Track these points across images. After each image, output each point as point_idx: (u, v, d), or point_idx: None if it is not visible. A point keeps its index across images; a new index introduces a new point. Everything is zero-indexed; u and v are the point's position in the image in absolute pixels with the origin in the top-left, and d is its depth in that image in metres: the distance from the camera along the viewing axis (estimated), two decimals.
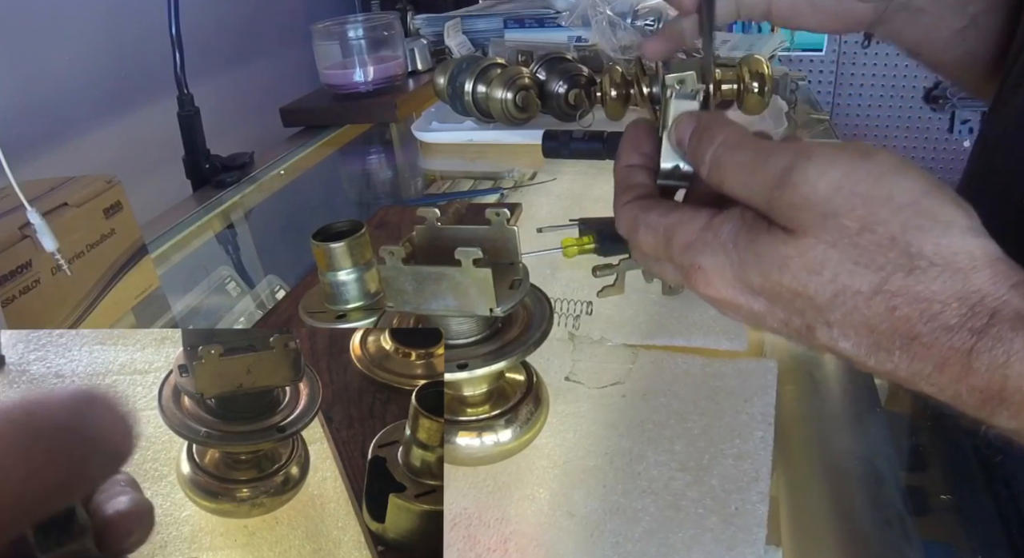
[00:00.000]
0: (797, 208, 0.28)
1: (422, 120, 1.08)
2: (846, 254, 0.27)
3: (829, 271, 0.28)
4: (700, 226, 0.31)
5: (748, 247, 0.29)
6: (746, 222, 0.30)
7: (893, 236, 0.27)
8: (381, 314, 0.47)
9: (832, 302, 0.28)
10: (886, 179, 0.27)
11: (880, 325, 0.27)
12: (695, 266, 0.31)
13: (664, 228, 0.32)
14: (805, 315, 0.29)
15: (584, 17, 1.20)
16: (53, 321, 0.59)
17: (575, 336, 0.56)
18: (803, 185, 0.27)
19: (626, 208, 0.34)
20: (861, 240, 0.27)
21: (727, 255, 0.30)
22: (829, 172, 0.27)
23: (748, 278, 0.29)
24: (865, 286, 0.27)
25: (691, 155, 0.32)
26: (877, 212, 0.27)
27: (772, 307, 0.30)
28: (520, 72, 0.96)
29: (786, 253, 0.28)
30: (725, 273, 0.30)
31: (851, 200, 0.27)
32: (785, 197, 0.28)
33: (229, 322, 0.68)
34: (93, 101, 1.02)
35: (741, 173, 0.29)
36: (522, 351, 0.41)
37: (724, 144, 0.30)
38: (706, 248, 0.30)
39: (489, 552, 0.40)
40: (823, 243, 0.27)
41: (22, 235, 0.56)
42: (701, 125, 0.32)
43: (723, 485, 0.42)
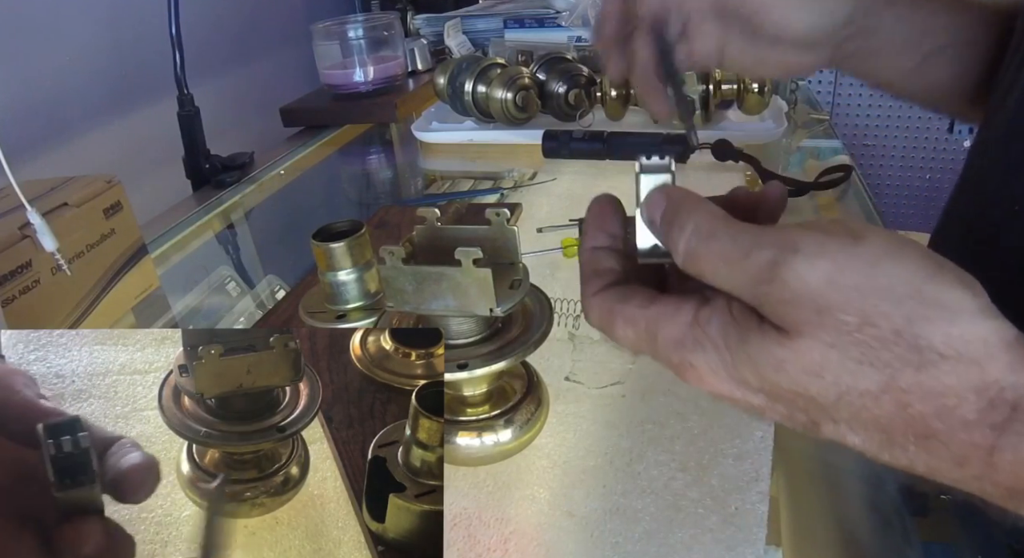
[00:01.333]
0: (788, 304, 0.25)
1: (422, 120, 1.08)
2: (847, 354, 0.25)
3: (830, 374, 0.25)
4: (686, 321, 0.28)
5: (740, 347, 0.27)
6: (735, 317, 0.27)
7: (897, 330, 0.24)
8: (381, 314, 0.47)
9: (837, 403, 0.26)
10: (882, 266, 0.25)
11: (891, 423, 0.25)
12: (686, 364, 0.29)
13: (646, 322, 0.29)
14: (809, 412, 0.27)
15: (584, 17, 1.20)
16: (53, 321, 0.59)
17: (575, 336, 0.56)
18: (792, 281, 0.25)
19: (597, 298, 0.31)
20: (863, 336, 0.25)
21: (718, 354, 0.28)
22: (819, 264, 0.25)
23: (743, 377, 0.27)
24: (872, 385, 0.25)
25: (664, 241, 0.30)
26: (877, 305, 0.24)
27: (772, 403, 0.28)
28: (520, 72, 0.96)
29: (782, 356, 0.26)
30: (719, 372, 0.28)
31: (847, 294, 0.25)
32: (774, 294, 0.26)
33: (229, 322, 0.68)
34: (93, 101, 1.02)
35: (721, 266, 0.27)
36: (522, 351, 0.41)
37: (696, 233, 0.28)
38: (696, 346, 0.28)
39: (489, 552, 0.40)
40: (821, 343, 0.25)
41: (22, 235, 0.56)
42: (671, 207, 0.29)
43: (723, 485, 0.42)
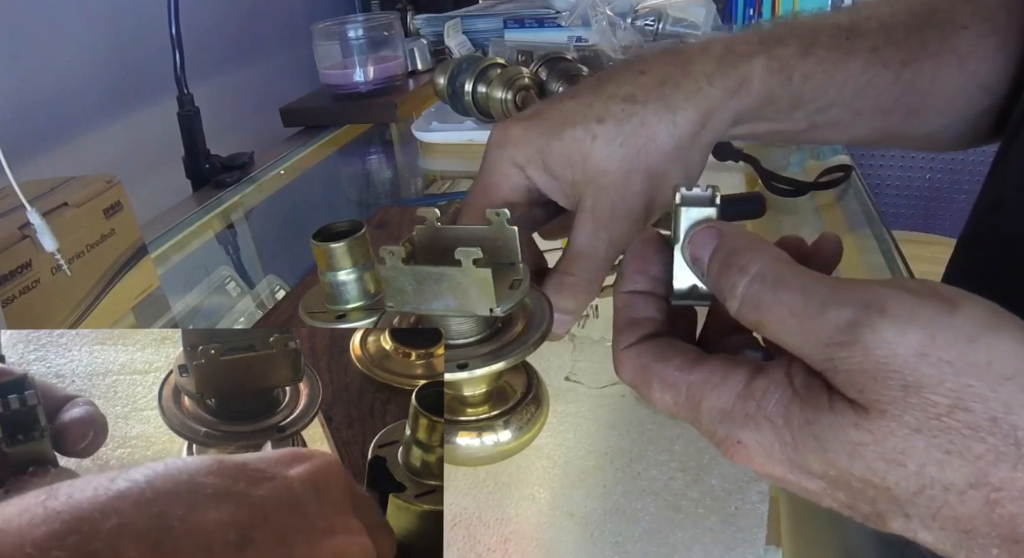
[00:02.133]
0: (869, 376, 0.22)
1: (422, 120, 1.08)
2: (935, 442, 0.22)
3: (913, 463, 0.22)
4: (738, 390, 0.25)
5: (805, 427, 0.24)
6: (799, 393, 0.24)
7: (994, 417, 0.21)
8: (381, 314, 0.47)
9: (916, 497, 0.23)
10: (982, 341, 0.22)
11: (974, 522, 0.22)
12: (733, 440, 0.25)
13: (688, 387, 0.26)
14: (877, 504, 0.24)
15: (584, 17, 1.20)
16: (53, 321, 0.59)
17: (575, 336, 0.56)
18: (877, 348, 0.22)
19: (631, 353, 0.28)
20: (953, 422, 0.22)
21: (776, 433, 0.24)
22: (910, 332, 0.22)
23: (805, 462, 0.24)
24: (959, 480, 0.22)
25: (714, 283, 0.26)
26: (973, 385, 0.21)
27: (833, 491, 0.24)
28: (520, 72, 0.96)
29: (858, 440, 0.23)
30: (773, 452, 0.24)
31: (940, 368, 0.21)
32: (853, 361, 0.22)
33: (229, 322, 0.68)
34: (93, 101, 1.02)
35: (788, 319, 0.24)
36: (522, 351, 0.41)
37: (761, 279, 0.24)
38: (748, 422, 0.25)
39: (489, 552, 0.40)
40: (905, 427, 0.22)
41: (22, 235, 0.56)
42: (726, 246, 0.26)
43: (723, 485, 0.42)
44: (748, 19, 1.76)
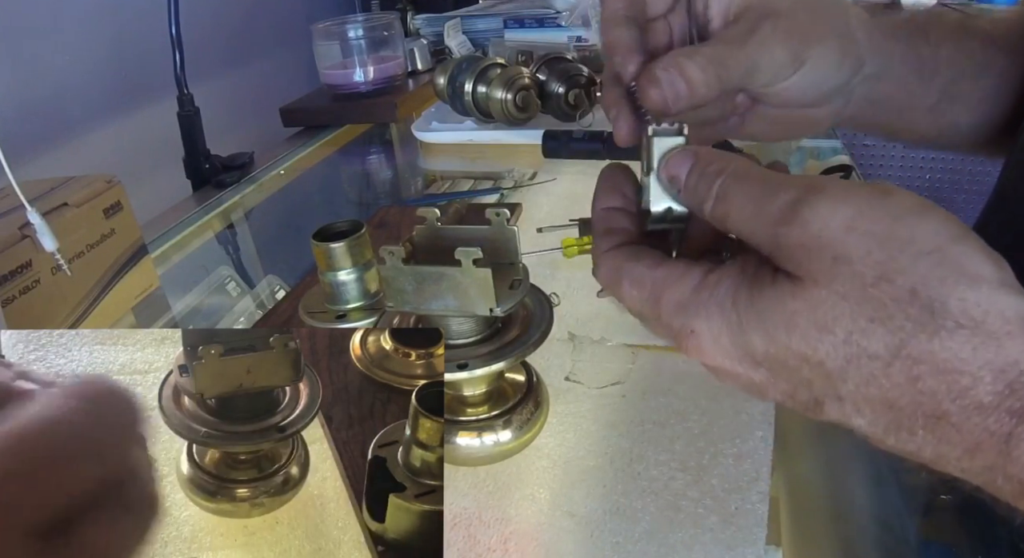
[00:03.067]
0: (806, 249, 0.24)
1: (422, 120, 1.08)
2: (861, 309, 0.24)
3: (841, 329, 0.24)
4: (694, 284, 0.27)
5: (749, 305, 0.26)
6: (747, 276, 0.26)
7: (914, 288, 0.23)
8: (381, 314, 0.47)
9: (844, 369, 0.24)
10: (907, 220, 0.24)
11: (900, 399, 0.24)
12: (687, 330, 0.27)
13: (652, 283, 0.28)
14: (813, 387, 0.25)
15: (584, 17, 1.20)
16: (53, 321, 0.59)
17: (575, 336, 0.56)
18: (813, 221, 0.24)
19: (607, 255, 0.30)
20: (877, 291, 0.23)
21: (724, 316, 0.26)
22: (842, 208, 0.24)
23: (748, 343, 0.26)
24: (882, 349, 0.23)
25: (690, 192, 0.28)
26: (896, 257, 0.23)
27: (775, 378, 0.26)
28: (520, 72, 0.96)
29: (793, 308, 0.25)
30: (721, 339, 0.26)
31: (866, 242, 0.23)
32: (793, 235, 0.24)
33: (229, 322, 0.68)
34: (93, 101, 1.02)
35: (747, 205, 0.26)
36: (522, 351, 0.41)
37: (732, 174, 0.27)
38: (700, 309, 0.27)
39: (489, 552, 0.40)
40: (834, 294, 0.24)
41: (22, 235, 0.56)
42: (702, 158, 0.28)
43: (723, 485, 0.42)
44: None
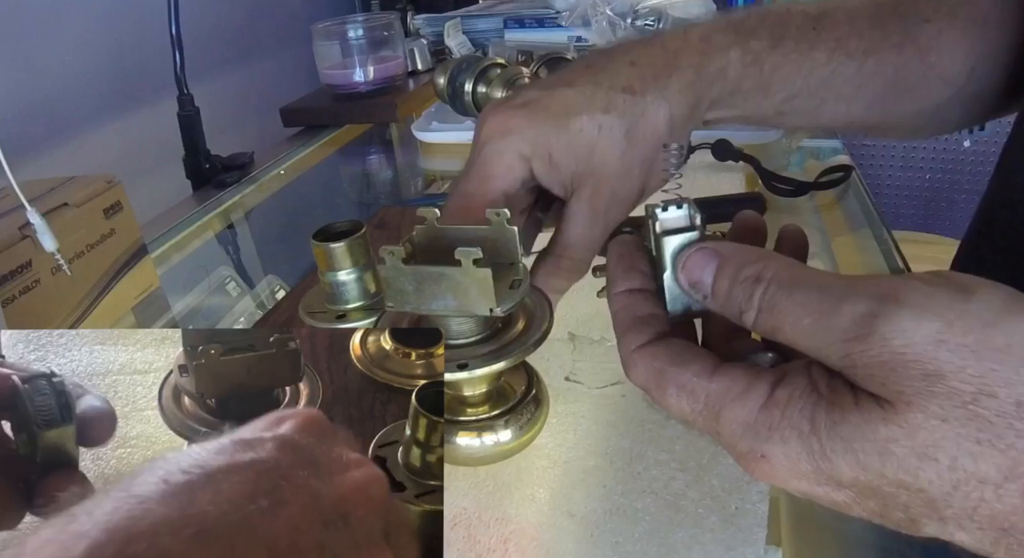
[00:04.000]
0: (890, 368, 0.22)
1: (422, 120, 1.08)
2: (964, 431, 0.21)
3: (945, 455, 0.21)
4: (761, 403, 0.24)
5: (832, 431, 0.23)
6: (823, 396, 0.23)
7: (1020, 402, 0.21)
8: (381, 314, 0.47)
9: (950, 495, 0.22)
10: (1000, 325, 0.21)
11: (1013, 518, 0.21)
12: (756, 454, 0.24)
13: (707, 396, 0.25)
14: (910, 510, 0.23)
15: (584, 17, 1.20)
16: (53, 321, 0.59)
17: (575, 336, 0.56)
18: (894, 338, 0.22)
19: (644, 354, 0.27)
20: (980, 410, 0.21)
21: (803, 442, 0.23)
22: (925, 320, 0.21)
23: (833, 469, 0.23)
24: (993, 472, 0.21)
25: (722, 299, 0.26)
26: (996, 369, 0.21)
27: (863, 500, 0.24)
28: (520, 72, 0.96)
29: (886, 436, 0.22)
30: (799, 465, 0.24)
31: (959, 355, 0.21)
32: (872, 353, 0.22)
33: (229, 322, 0.68)
34: (93, 101, 1.02)
35: (805, 319, 0.23)
36: (522, 351, 0.41)
37: (778, 283, 0.24)
38: (773, 434, 0.24)
39: (489, 552, 0.40)
40: (933, 418, 0.21)
41: (22, 235, 0.56)
42: (732, 262, 0.26)
43: (723, 485, 0.42)
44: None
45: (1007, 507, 0.21)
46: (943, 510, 0.22)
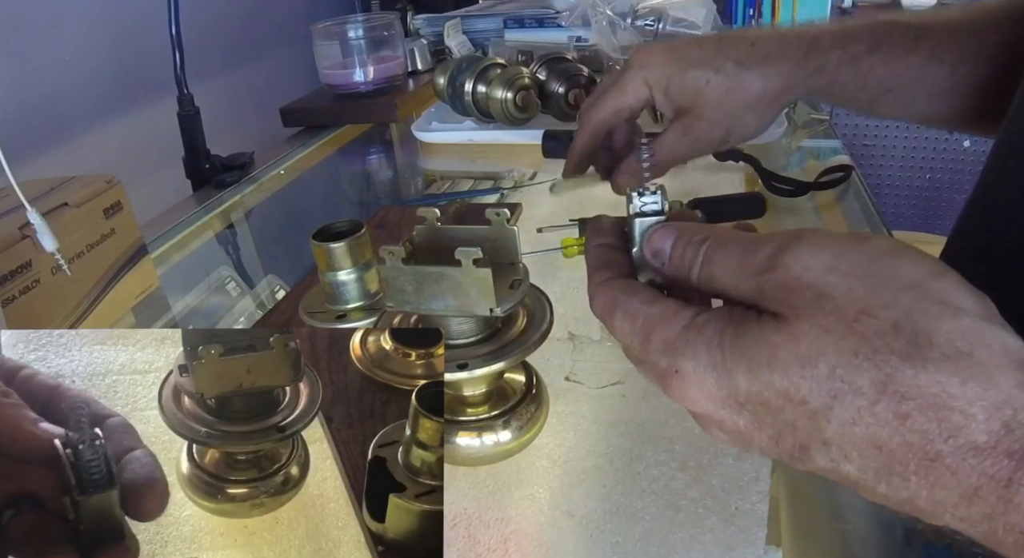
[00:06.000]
0: (788, 289, 0.25)
1: (422, 120, 1.08)
2: (844, 343, 0.23)
3: (825, 363, 0.24)
4: (683, 324, 0.27)
5: (734, 343, 0.26)
6: (734, 317, 0.27)
7: (896, 321, 0.23)
8: (381, 314, 0.47)
9: (829, 407, 0.24)
10: (885, 259, 0.24)
11: (889, 440, 0.23)
12: (672, 370, 0.27)
13: (644, 318, 0.28)
14: (797, 430, 0.25)
15: (584, 17, 1.20)
16: (53, 321, 0.59)
17: (575, 336, 0.56)
18: (794, 265, 0.25)
19: (604, 286, 0.30)
20: (860, 326, 0.23)
21: (709, 355, 0.26)
22: (822, 252, 0.25)
23: (732, 382, 0.26)
24: (867, 384, 0.23)
25: (676, 262, 0.29)
26: (877, 293, 0.23)
27: (759, 422, 0.26)
28: (520, 72, 0.96)
29: (775, 342, 0.25)
30: (706, 379, 0.26)
31: (847, 280, 0.24)
32: (776, 278, 0.25)
33: (229, 322, 0.68)
34: (93, 101, 1.02)
35: (731, 261, 0.27)
36: (522, 351, 0.41)
37: (715, 239, 0.28)
38: (687, 348, 0.27)
39: (489, 552, 0.40)
40: (817, 328, 0.24)
41: (22, 235, 0.56)
42: (686, 231, 0.30)
43: (723, 485, 0.42)
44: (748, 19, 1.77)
45: (880, 422, 0.23)
46: (825, 428, 0.24)
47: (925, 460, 0.23)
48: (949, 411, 0.22)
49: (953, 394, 0.22)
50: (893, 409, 0.23)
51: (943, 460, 0.22)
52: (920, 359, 0.22)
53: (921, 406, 0.22)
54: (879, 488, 0.24)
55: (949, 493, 0.23)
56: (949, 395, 0.22)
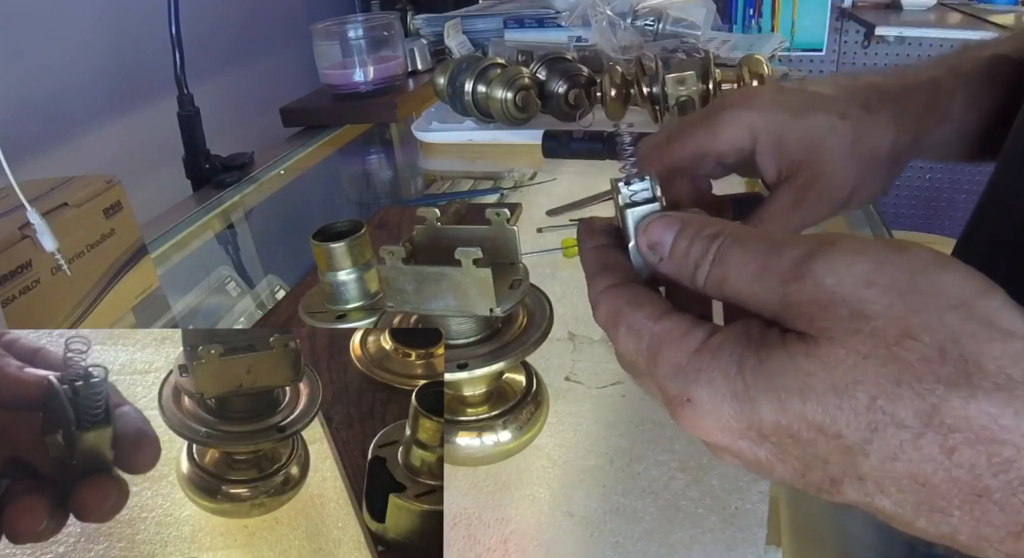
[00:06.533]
0: (819, 306, 0.22)
1: (422, 120, 1.08)
2: (885, 371, 0.21)
3: (864, 393, 0.21)
4: (695, 347, 0.24)
5: (757, 369, 0.23)
6: (753, 338, 0.24)
7: (942, 346, 0.21)
8: (381, 314, 0.47)
9: (868, 441, 0.21)
10: (928, 273, 0.22)
11: (933, 475, 0.21)
12: (683, 398, 0.25)
13: (650, 337, 0.26)
14: (829, 464, 0.22)
15: (584, 17, 1.20)
16: (53, 321, 0.59)
17: (575, 336, 0.56)
18: (827, 277, 0.22)
19: (606, 295, 0.28)
20: (902, 352, 0.21)
21: (728, 383, 0.23)
22: (858, 262, 0.22)
23: (755, 413, 0.23)
24: (911, 416, 0.21)
25: (678, 259, 0.26)
26: (920, 313, 0.21)
27: (784, 455, 0.23)
28: (520, 72, 0.96)
29: (807, 369, 0.22)
30: (723, 410, 0.23)
31: (887, 296, 0.21)
32: (805, 292, 0.22)
33: (229, 322, 0.68)
34: (93, 101, 1.02)
35: (749, 264, 0.24)
36: (522, 351, 0.41)
37: (731, 236, 0.25)
38: (700, 375, 0.24)
39: (489, 552, 0.40)
40: (854, 353, 0.21)
41: (22, 235, 0.56)
42: (692, 225, 0.26)
43: (723, 485, 0.42)
44: (747, 19, 1.76)
45: (925, 457, 0.21)
46: (862, 463, 0.22)
47: (972, 495, 0.21)
48: (1000, 445, 0.20)
49: (1005, 426, 0.20)
50: (939, 443, 0.21)
51: (991, 495, 0.21)
52: (969, 387, 0.20)
53: (969, 439, 0.20)
54: (918, 523, 0.22)
55: (996, 530, 0.21)
56: (1000, 427, 0.20)
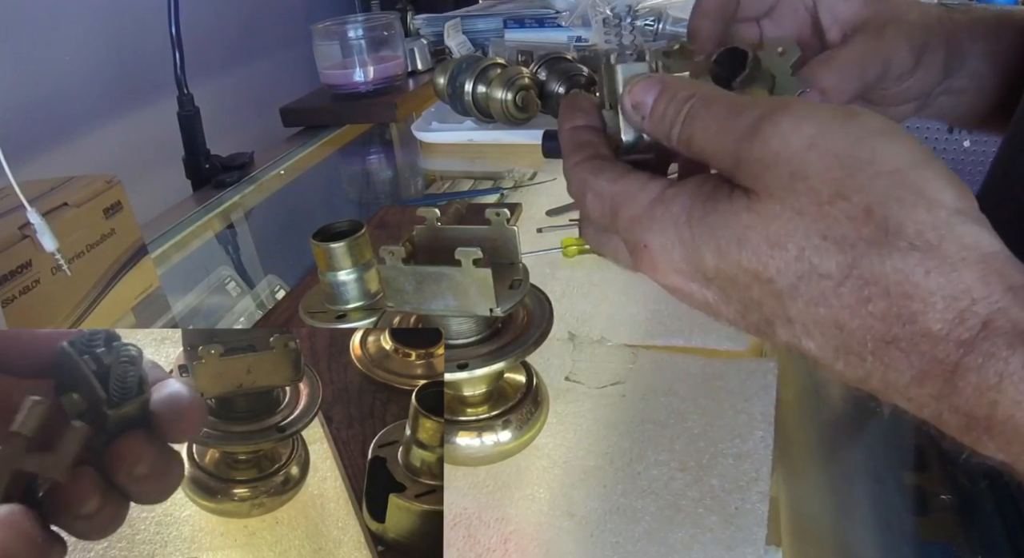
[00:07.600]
0: (764, 165, 0.24)
1: (422, 120, 1.08)
2: (815, 225, 0.23)
3: (794, 245, 0.24)
4: (650, 199, 0.27)
5: (703, 220, 0.26)
6: (704, 192, 0.26)
7: (869, 207, 0.23)
8: (381, 314, 0.47)
9: (795, 288, 0.24)
10: (870, 141, 0.23)
11: (850, 321, 0.24)
12: (640, 244, 0.27)
13: (611, 197, 0.28)
14: (763, 307, 0.25)
15: (584, 17, 1.20)
16: (53, 321, 0.59)
17: (575, 336, 0.56)
18: (773, 138, 0.24)
19: (575, 169, 0.30)
20: (833, 209, 0.23)
21: (677, 231, 0.26)
22: (804, 126, 0.24)
23: (700, 258, 0.26)
24: (833, 267, 0.23)
25: (657, 118, 0.28)
26: (854, 177, 0.23)
27: (727, 297, 0.26)
28: (520, 72, 0.96)
29: (746, 222, 0.24)
30: (673, 254, 0.26)
31: (825, 159, 0.23)
32: (753, 151, 0.24)
33: (229, 322, 0.68)
34: (93, 101, 1.02)
35: (712, 124, 0.26)
36: (522, 351, 0.41)
37: (701, 97, 0.27)
38: (654, 224, 0.27)
39: (489, 552, 0.40)
40: (789, 209, 0.24)
41: (22, 235, 0.56)
42: (671, 84, 0.28)
43: (723, 485, 0.42)
44: None
45: (843, 304, 0.23)
46: (789, 307, 0.24)
47: (882, 342, 0.23)
48: (909, 299, 0.22)
49: (915, 283, 0.22)
50: (856, 292, 0.23)
51: (898, 343, 0.23)
52: (888, 247, 0.23)
53: (883, 292, 0.23)
54: (836, 365, 0.25)
55: (900, 375, 0.23)
56: (911, 284, 0.22)
